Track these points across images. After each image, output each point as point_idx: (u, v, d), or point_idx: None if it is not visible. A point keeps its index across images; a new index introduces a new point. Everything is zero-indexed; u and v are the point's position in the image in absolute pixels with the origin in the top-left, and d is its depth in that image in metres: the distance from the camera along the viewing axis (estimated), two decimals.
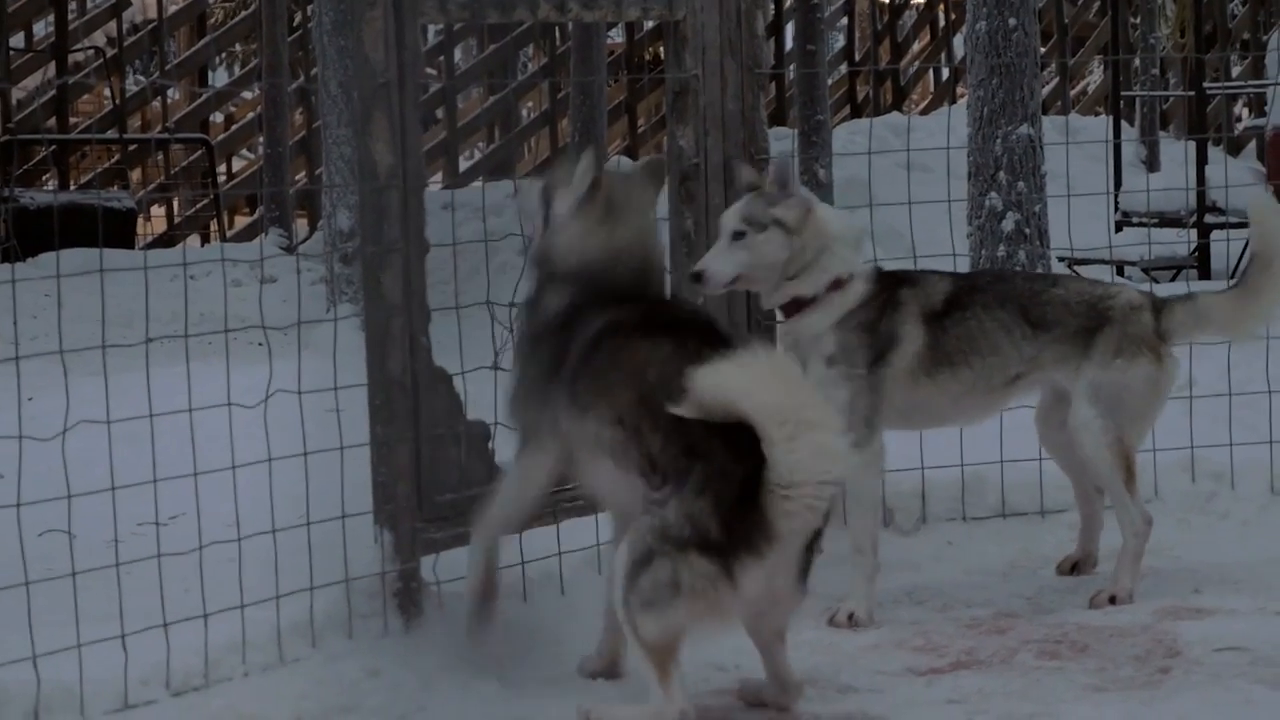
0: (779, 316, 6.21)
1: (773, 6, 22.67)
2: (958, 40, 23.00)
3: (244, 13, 20.95)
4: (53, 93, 18.89)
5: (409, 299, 5.57)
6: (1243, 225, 12.84)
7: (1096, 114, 21.38)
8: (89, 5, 21.99)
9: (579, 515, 5.98)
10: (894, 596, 6.13)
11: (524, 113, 22.93)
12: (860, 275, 6.08)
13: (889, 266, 6.30)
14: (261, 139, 16.92)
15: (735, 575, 4.73)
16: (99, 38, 20.63)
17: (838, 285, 6.03)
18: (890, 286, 6.13)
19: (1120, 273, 12.84)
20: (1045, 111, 16.55)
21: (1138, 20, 20.15)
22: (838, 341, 6.02)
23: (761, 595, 4.81)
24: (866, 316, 6.05)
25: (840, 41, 25.57)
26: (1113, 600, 5.95)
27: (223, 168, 20.80)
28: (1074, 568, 6.38)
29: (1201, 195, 13.10)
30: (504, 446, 5.86)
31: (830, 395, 5.70)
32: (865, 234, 6.29)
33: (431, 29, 21.17)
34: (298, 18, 18.96)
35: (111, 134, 19.02)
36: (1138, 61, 19.27)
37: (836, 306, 6.04)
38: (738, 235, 5.98)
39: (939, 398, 6.15)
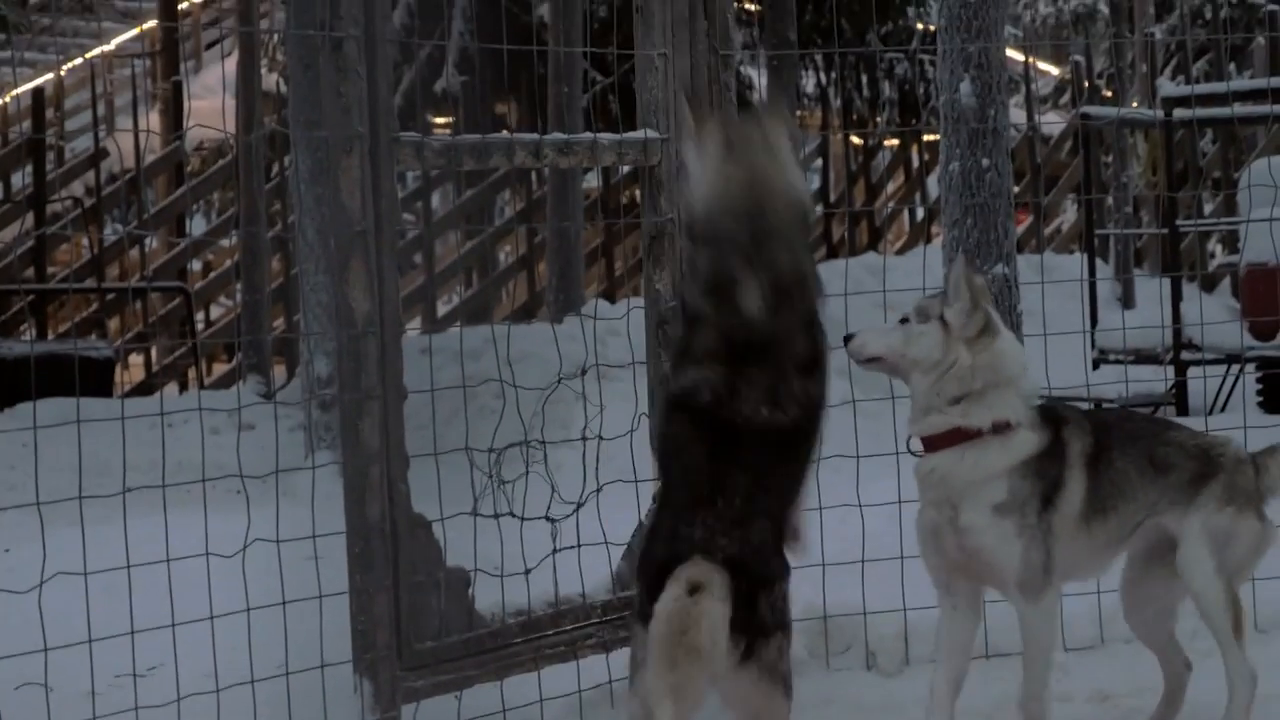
0: (918, 447, 5.71)
1: None
2: (932, 180, 23.19)
3: (221, 161, 21.05)
4: (31, 243, 18.93)
5: (387, 445, 5.56)
6: (1219, 362, 12.91)
7: (1071, 252, 21.48)
8: (67, 156, 22.10)
9: (560, 661, 5.95)
10: None
11: (501, 257, 23.02)
12: (1028, 423, 5.63)
13: (869, 407, 6.27)
14: (239, 286, 16.94)
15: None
16: (77, 188, 20.73)
17: (1003, 428, 5.57)
18: (1052, 427, 5.70)
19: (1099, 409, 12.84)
20: (1020, 250, 16.67)
21: (1110, 159, 20.30)
22: (1010, 489, 5.55)
23: None
24: (1039, 462, 5.60)
25: (815, 183, 25.74)
26: None
27: (201, 315, 20.82)
28: None
29: (1177, 332, 13.16)
30: (483, 595, 5.84)
31: (999, 548, 5.53)
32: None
33: (409, 175, 21.30)
34: (275, 166, 19.06)
35: (89, 283, 19.04)
36: (1111, 200, 19.42)
37: (1010, 452, 5.58)
38: (904, 319, 5.77)
39: (1087, 547, 5.77)
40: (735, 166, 5.19)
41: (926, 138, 24.07)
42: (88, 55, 23.48)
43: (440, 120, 22.77)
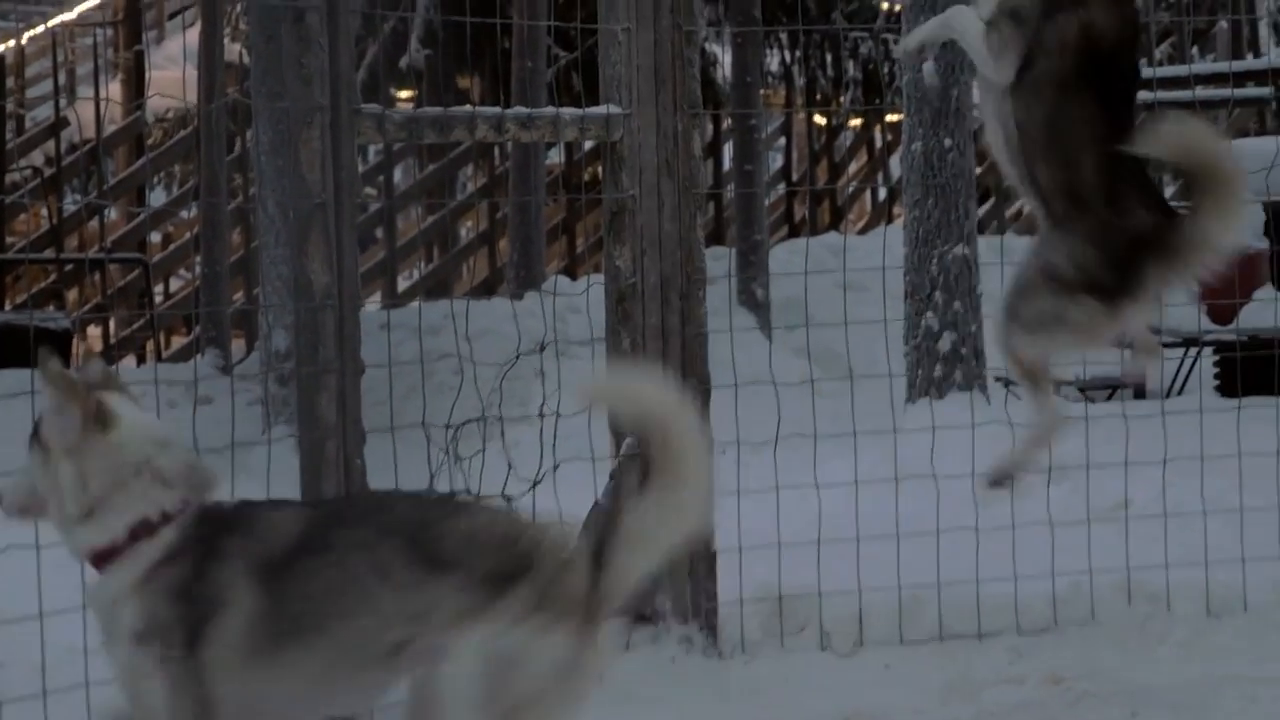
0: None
1: (710, 127, 22.81)
2: (894, 161, 23.19)
3: (182, 133, 20.95)
4: None
5: (344, 420, 5.55)
6: (1176, 345, 12.93)
7: (1032, 234, 21.50)
8: (27, 125, 21.97)
9: None
10: None
11: (462, 232, 22.97)
12: (177, 522, 4.35)
13: (828, 387, 6.27)
14: (199, 259, 16.87)
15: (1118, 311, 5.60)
16: (37, 157, 20.60)
17: (147, 532, 4.32)
18: (212, 528, 4.35)
19: (1056, 392, 12.85)
20: (981, 232, 16.66)
21: None
22: (144, 611, 4.26)
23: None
24: (183, 573, 4.27)
25: (778, 162, 25.73)
26: None
27: (160, 288, 20.73)
28: None
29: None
30: None
31: (140, 689, 4.28)
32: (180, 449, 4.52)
33: (370, 149, 21.23)
34: (236, 138, 18.97)
35: (48, 254, 18.94)
36: None
37: (139, 561, 4.30)
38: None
39: (287, 687, 4.31)
40: None
41: (890, 118, 24.08)
42: (49, 23, 23.34)
43: (403, 94, 22.70)
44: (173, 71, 19.51)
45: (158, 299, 20.07)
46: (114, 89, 21.43)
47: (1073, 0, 5.64)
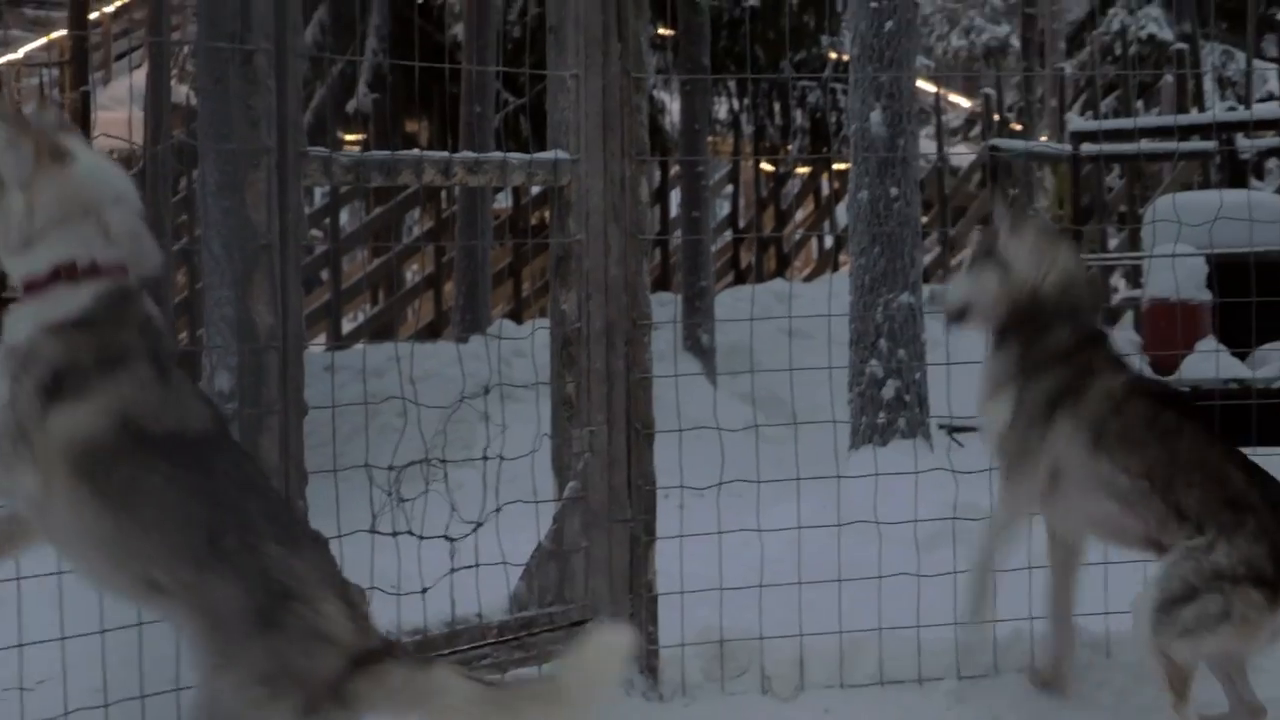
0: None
1: (658, 173, 22.87)
2: (841, 209, 23.28)
3: (129, 173, 20.87)
4: None
5: (286, 461, 5.54)
6: None
7: None
8: None
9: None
10: None
11: (408, 275, 22.96)
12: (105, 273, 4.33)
13: (771, 433, 6.30)
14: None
15: (1277, 602, 5.86)
16: None
17: (67, 273, 4.30)
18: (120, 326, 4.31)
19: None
20: (926, 280, 16.73)
21: (1017, 191, 20.45)
22: (28, 349, 4.23)
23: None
24: (72, 343, 4.23)
25: (725, 209, 25.81)
26: None
27: None
28: None
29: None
30: (379, 613, 5.81)
31: None
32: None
33: (317, 191, 21.21)
34: (182, 179, 18.93)
35: None
36: None
37: (49, 307, 4.27)
38: None
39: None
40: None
41: (837, 166, 24.18)
42: None
43: (351, 138, 22.71)
44: (119, 112, 19.44)
45: None
46: None
47: (1071, 388, 6.13)
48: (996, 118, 23.05)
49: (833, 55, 24.38)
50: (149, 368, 4.23)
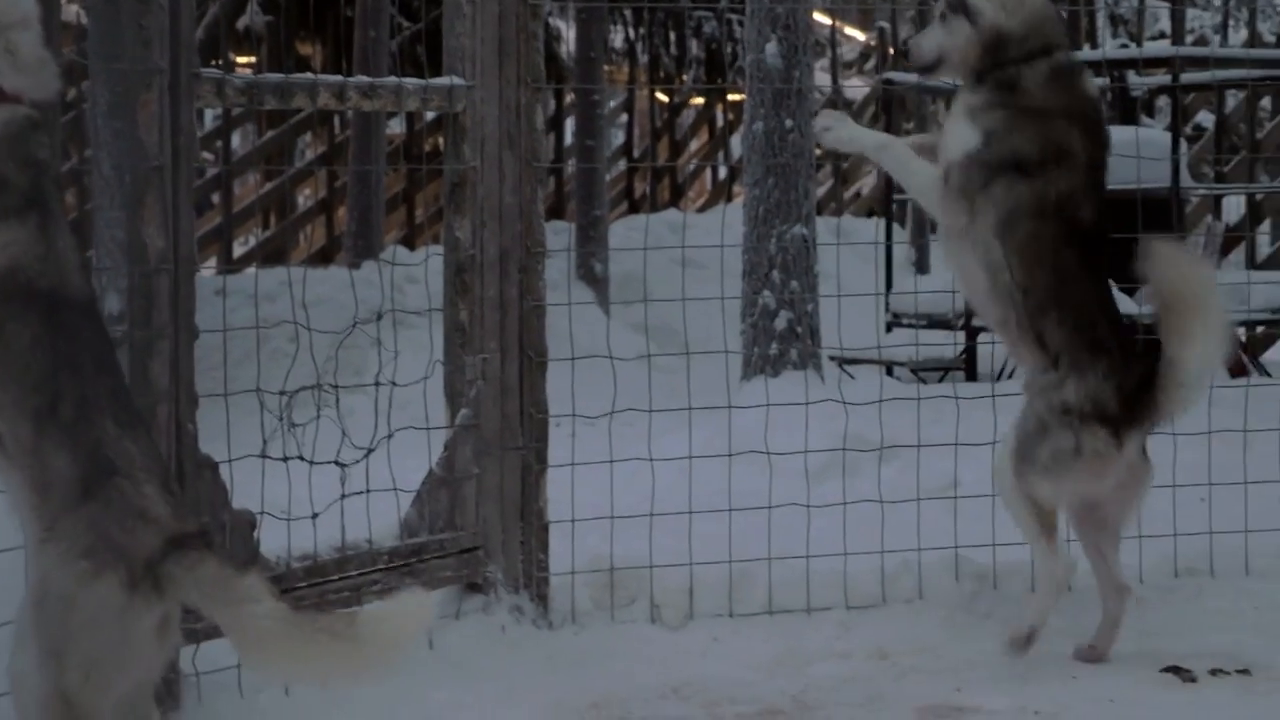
0: None
1: (553, 102, 22.79)
2: (735, 140, 23.29)
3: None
4: None
5: (176, 385, 5.50)
6: None
7: (869, 216, 21.69)
8: None
9: (344, 607, 5.92)
10: (659, 692, 6.11)
11: (301, 200, 22.80)
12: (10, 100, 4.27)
13: (664, 362, 6.32)
14: None
15: (1123, 441, 6.03)
16: None
17: None
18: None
19: (890, 373, 13.00)
20: (819, 213, 16.78)
21: (911, 125, 20.52)
22: None
23: (1128, 466, 6.09)
24: None
25: (619, 138, 25.75)
26: None
27: None
28: None
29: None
30: (269, 538, 5.81)
31: None
32: None
33: (209, 113, 21.00)
34: (71, 93, 18.72)
35: None
36: None
37: None
38: None
39: None
40: None
41: (732, 97, 24.17)
42: None
43: (243, 60, 22.49)
44: None
45: None
46: None
47: (1045, 160, 6.03)
48: (891, 51, 23.09)
49: None
50: (40, 215, 4.24)
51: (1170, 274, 6.05)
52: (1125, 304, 11.50)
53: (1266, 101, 18.68)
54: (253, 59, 21.80)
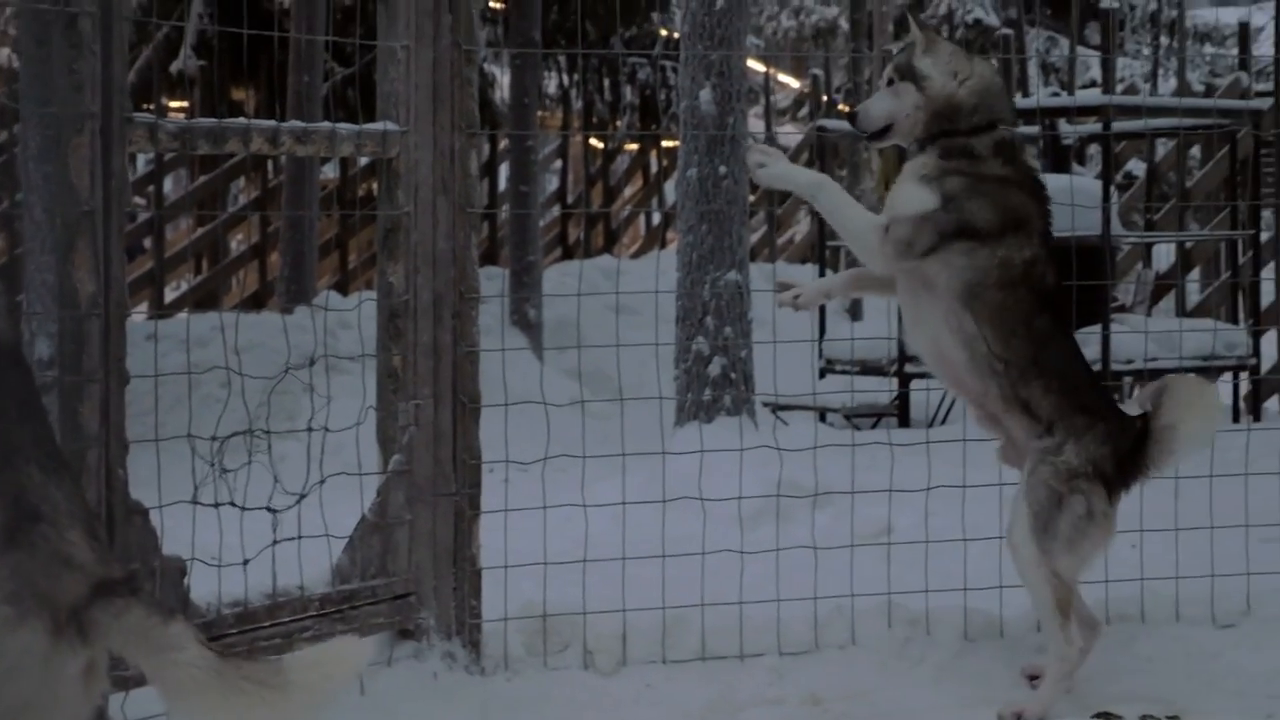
0: None
1: (487, 147, 22.81)
2: (669, 186, 23.34)
3: None
4: None
5: (107, 430, 5.47)
6: None
7: (803, 262, 21.76)
8: None
9: (275, 654, 5.89)
10: None
11: (233, 245, 22.74)
12: None
13: (598, 408, 6.33)
14: None
15: (1115, 501, 6.15)
16: None
17: None
18: None
19: (823, 419, 13.04)
20: (753, 259, 16.83)
21: (844, 172, 20.61)
22: None
23: None
24: None
25: (554, 184, 25.80)
26: None
27: None
28: None
29: (902, 345, 13.38)
30: (200, 584, 5.77)
31: None
32: None
33: (141, 157, 20.94)
34: (2, 137, 18.63)
35: None
36: None
37: None
38: None
39: None
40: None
41: (666, 143, 24.23)
42: None
43: (176, 104, 22.44)
44: None
45: None
46: None
47: (1005, 228, 6.09)
48: (825, 98, 23.20)
49: (663, 32, 24.42)
50: None
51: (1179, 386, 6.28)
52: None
53: (1196, 150, 18.85)
54: (185, 103, 21.76)
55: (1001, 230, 6.16)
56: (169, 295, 20.68)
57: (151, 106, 18.81)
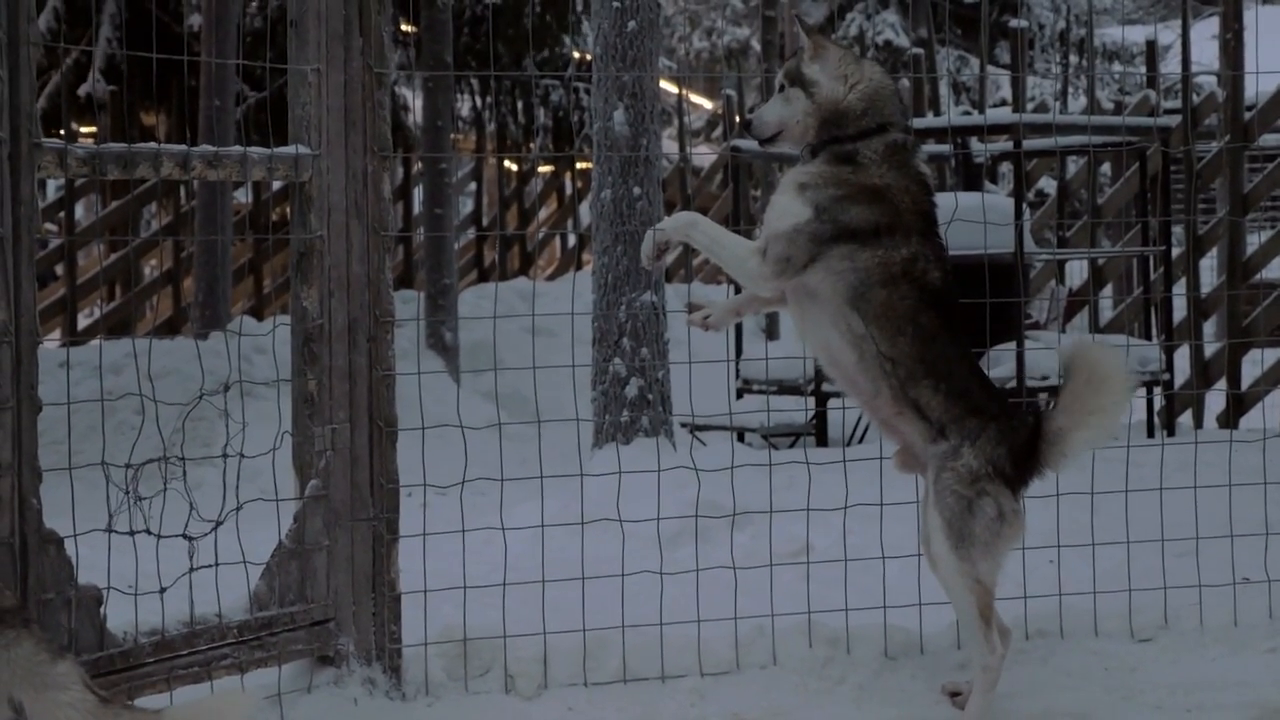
0: None
1: (400, 170, 22.75)
2: (584, 208, 23.36)
3: None
4: None
5: (19, 458, 5.42)
6: None
7: (719, 283, 21.79)
8: None
9: (194, 682, 5.85)
10: None
11: (146, 270, 22.60)
12: None
13: (515, 431, 6.30)
14: None
15: (1019, 498, 6.13)
16: None
17: None
18: None
19: (741, 439, 13.04)
20: (669, 280, 16.84)
21: (759, 193, 20.66)
22: None
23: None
24: None
25: (468, 206, 25.76)
26: None
27: None
28: None
29: (818, 364, 13.39)
30: (116, 613, 5.71)
31: None
32: None
33: (51, 183, 20.78)
34: None
35: None
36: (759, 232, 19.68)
37: None
38: None
39: None
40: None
41: (580, 165, 24.25)
42: None
43: (86, 130, 22.29)
44: None
45: None
46: None
47: (879, 230, 6.08)
48: (738, 119, 23.26)
49: (576, 54, 24.43)
50: None
51: (1090, 352, 6.22)
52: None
53: (1107, 167, 18.95)
54: (95, 128, 21.62)
55: (877, 230, 6.16)
56: (81, 322, 20.54)
57: (61, 132, 18.68)
